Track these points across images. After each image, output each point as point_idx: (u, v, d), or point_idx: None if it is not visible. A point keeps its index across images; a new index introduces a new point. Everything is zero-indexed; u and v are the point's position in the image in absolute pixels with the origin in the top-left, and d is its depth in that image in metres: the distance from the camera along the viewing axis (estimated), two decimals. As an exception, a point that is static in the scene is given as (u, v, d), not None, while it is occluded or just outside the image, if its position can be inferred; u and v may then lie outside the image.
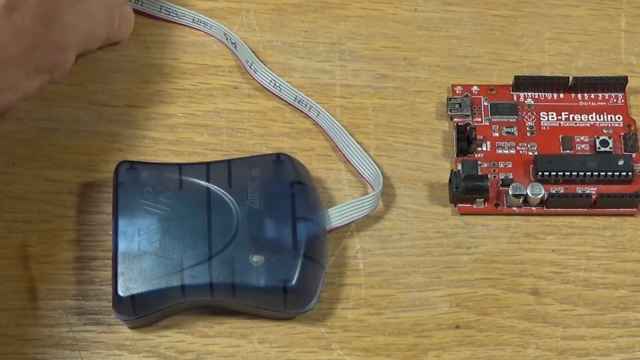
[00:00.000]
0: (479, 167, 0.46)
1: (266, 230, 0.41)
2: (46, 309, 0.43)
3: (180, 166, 0.43)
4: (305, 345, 0.43)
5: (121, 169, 0.43)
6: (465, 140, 0.46)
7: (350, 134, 0.46)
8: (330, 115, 0.46)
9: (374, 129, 0.47)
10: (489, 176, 0.45)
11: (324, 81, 0.48)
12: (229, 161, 0.43)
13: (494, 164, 0.46)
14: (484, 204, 0.45)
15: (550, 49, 0.49)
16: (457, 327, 0.43)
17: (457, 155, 0.46)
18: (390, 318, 0.43)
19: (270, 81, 0.47)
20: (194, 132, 0.47)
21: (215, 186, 0.42)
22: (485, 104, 0.47)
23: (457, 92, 0.48)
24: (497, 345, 0.43)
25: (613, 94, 0.47)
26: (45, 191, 0.45)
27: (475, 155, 0.46)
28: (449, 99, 0.47)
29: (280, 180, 0.42)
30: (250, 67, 0.47)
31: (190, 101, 0.47)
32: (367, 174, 0.45)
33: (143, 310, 0.41)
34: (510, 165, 0.46)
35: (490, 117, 0.47)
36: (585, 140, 0.47)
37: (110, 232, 0.42)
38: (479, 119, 0.47)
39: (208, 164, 0.43)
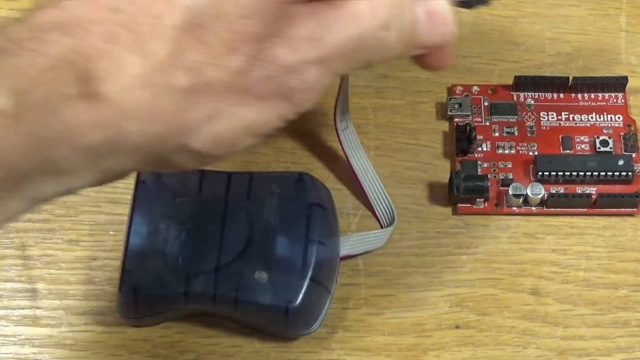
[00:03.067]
0: (479, 167, 0.46)
1: (277, 249, 0.41)
2: (46, 309, 0.43)
3: (201, 173, 0.42)
4: (305, 345, 0.43)
5: None
6: (465, 140, 0.46)
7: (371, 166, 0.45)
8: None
9: (374, 129, 0.47)
10: (488, 176, 0.45)
11: (324, 81, 0.48)
12: (250, 174, 0.43)
13: (494, 164, 0.46)
14: (484, 204, 0.45)
15: (550, 49, 0.49)
16: (457, 327, 0.43)
17: (457, 155, 0.46)
18: (390, 318, 0.43)
19: None
20: (194, 132, 0.47)
21: (233, 197, 0.42)
22: (486, 104, 0.47)
23: (458, 92, 0.48)
24: (497, 345, 0.43)
25: (613, 94, 0.47)
26: (45, 191, 0.45)
27: (475, 155, 0.46)
28: (449, 99, 0.47)
29: (298, 200, 0.42)
30: None
31: (190, 101, 0.47)
32: (379, 212, 0.45)
33: (144, 310, 0.41)
34: (510, 165, 0.46)
35: (490, 117, 0.47)
36: (586, 140, 0.46)
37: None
38: (479, 119, 0.47)
39: (230, 174, 0.43)
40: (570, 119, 0.47)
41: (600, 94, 0.48)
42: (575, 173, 0.45)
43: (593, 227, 0.45)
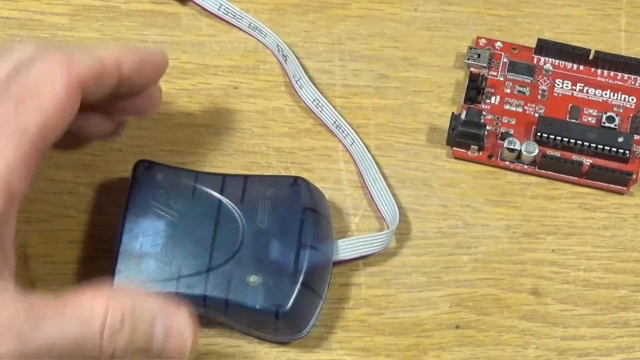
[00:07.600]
0: (482, 117, 0.46)
1: (269, 252, 0.41)
2: (46, 309, 0.43)
3: (196, 174, 0.42)
4: (305, 345, 0.43)
5: (139, 168, 0.42)
6: (475, 89, 0.46)
7: (379, 169, 0.46)
8: (364, 147, 0.46)
9: (374, 129, 0.47)
10: (488, 127, 0.45)
11: (324, 81, 0.48)
12: (245, 177, 0.43)
13: (498, 117, 0.46)
14: (478, 152, 0.45)
15: (550, 49, 0.49)
16: (457, 327, 0.43)
17: (464, 102, 0.46)
18: (390, 318, 0.43)
19: (314, 100, 0.47)
20: (194, 132, 0.47)
21: (227, 200, 0.42)
22: (505, 60, 0.47)
23: (481, 44, 0.48)
24: (497, 345, 0.43)
25: (632, 76, 0.47)
26: (45, 191, 0.45)
27: (482, 106, 0.46)
28: (470, 48, 0.47)
29: (292, 204, 0.42)
30: (297, 82, 0.47)
31: (190, 101, 0.47)
32: (385, 211, 0.45)
33: None
34: (513, 122, 0.46)
35: (506, 73, 0.47)
36: (594, 113, 0.46)
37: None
38: (495, 74, 0.47)
39: (224, 176, 0.43)
40: (584, 91, 0.47)
41: (620, 74, 0.47)
42: (573, 141, 0.45)
43: (593, 227, 0.45)
